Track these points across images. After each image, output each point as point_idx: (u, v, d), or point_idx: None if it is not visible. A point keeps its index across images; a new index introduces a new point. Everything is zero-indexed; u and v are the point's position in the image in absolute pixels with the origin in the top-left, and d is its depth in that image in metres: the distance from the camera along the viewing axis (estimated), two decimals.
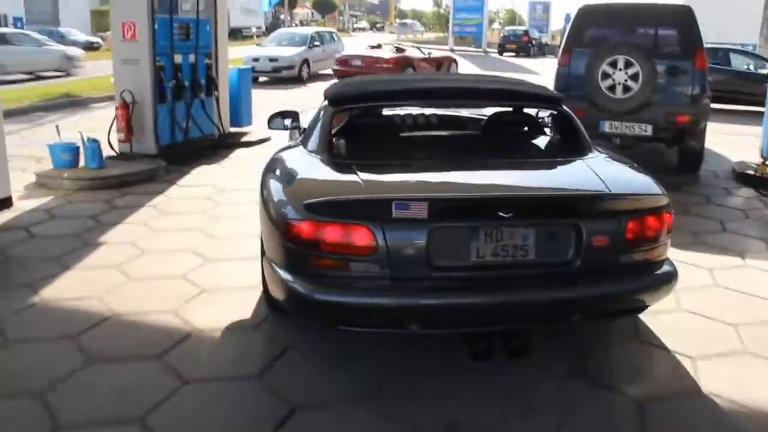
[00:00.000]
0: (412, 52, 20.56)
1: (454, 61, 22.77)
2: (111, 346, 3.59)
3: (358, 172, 3.25)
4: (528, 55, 36.63)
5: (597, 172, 3.41)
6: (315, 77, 21.01)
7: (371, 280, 2.95)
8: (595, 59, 7.51)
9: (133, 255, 5.02)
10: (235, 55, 22.48)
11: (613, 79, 7.46)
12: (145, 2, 7.80)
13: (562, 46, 8.23)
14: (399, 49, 20.46)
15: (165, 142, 8.31)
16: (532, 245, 3.03)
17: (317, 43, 21.61)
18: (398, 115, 4.97)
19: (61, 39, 39.82)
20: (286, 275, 3.08)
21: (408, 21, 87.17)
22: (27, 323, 3.88)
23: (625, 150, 8.31)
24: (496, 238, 3.00)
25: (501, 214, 2.93)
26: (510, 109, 4.56)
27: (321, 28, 26.48)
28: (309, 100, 15.46)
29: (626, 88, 7.42)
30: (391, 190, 3.12)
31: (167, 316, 3.93)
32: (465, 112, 5.20)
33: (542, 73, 25.42)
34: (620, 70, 7.42)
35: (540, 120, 4.75)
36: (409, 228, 2.92)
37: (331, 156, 3.60)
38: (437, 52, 22.54)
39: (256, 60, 20.05)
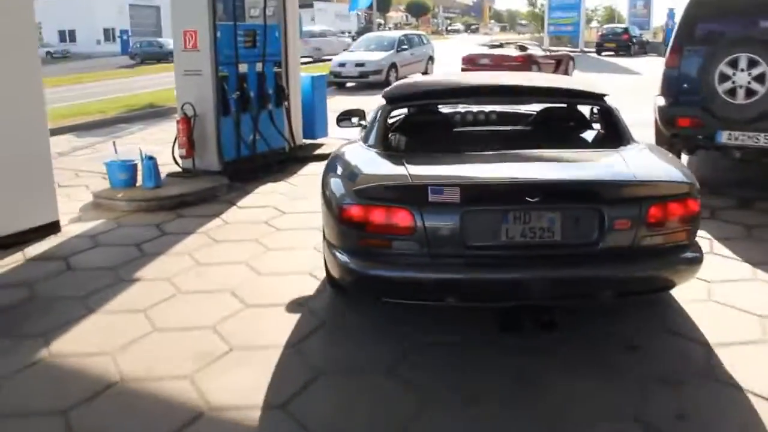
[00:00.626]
0: (534, 50, 20.15)
1: (572, 58, 22.22)
2: (103, 426, 2.94)
3: (407, 163, 3.53)
4: (628, 53, 34.62)
5: (628, 161, 3.60)
6: None
7: (412, 257, 3.26)
8: (712, 58, 6.41)
9: (166, 296, 4.40)
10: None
11: (734, 82, 6.33)
12: (207, 9, 7.28)
13: (671, 43, 7.13)
14: (522, 48, 20.06)
15: (229, 157, 7.77)
16: (558, 227, 3.25)
17: (405, 46, 20.86)
18: (454, 111, 5.26)
19: (160, 48, 41.21)
20: (340, 254, 3.42)
21: (524, 21, 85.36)
22: (24, 387, 3.30)
23: (747, 164, 7.21)
24: (525, 220, 3.23)
25: (528, 198, 3.18)
26: (557, 105, 4.83)
27: (409, 31, 25.67)
28: None
29: (750, 92, 6.28)
30: (431, 178, 3.39)
31: (182, 385, 3.26)
32: (521, 108, 5.32)
33: (644, 72, 23.84)
34: (742, 70, 6.29)
35: (594, 115, 4.82)
36: (444, 211, 3.22)
37: (386, 149, 3.98)
38: (556, 51, 22.67)
39: (342, 65, 19.59)
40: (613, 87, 5.67)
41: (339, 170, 3.80)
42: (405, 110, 4.92)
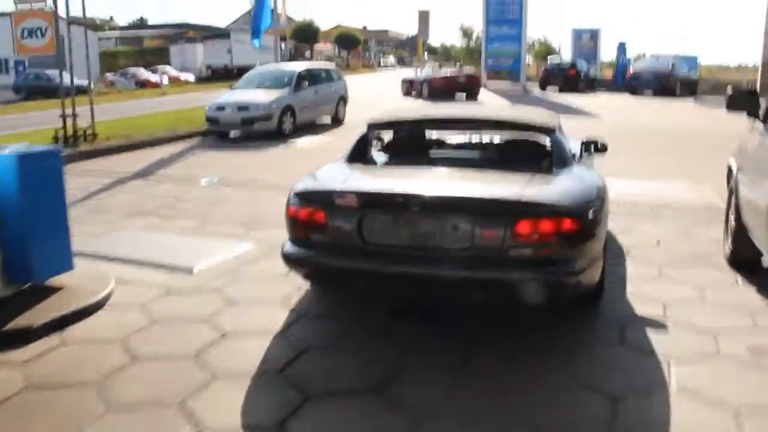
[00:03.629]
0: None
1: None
2: None
3: (350, 175, 4.57)
4: (575, 90, 30.89)
5: (533, 182, 4.13)
6: (304, 130, 15.51)
7: (325, 247, 4.03)
8: None
9: None
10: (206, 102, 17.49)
11: None
12: None
13: None
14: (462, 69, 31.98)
15: None
16: (439, 233, 3.82)
17: (307, 83, 16.12)
18: (434, 137, 5.84)
19: (48, 82, 35.75)
20: (285, 243, 4.24)
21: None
22: None
23: None
24: (411, 225, 3.87)
25: (413, 208, 3.84)
26: (520, 136, 5.33)
27: (315, 64, 20.47)
28: (284, 170, 10.00)
29: None
30: (346, 186, 4.20)
31: None
32: (495, 137, 5.72)
33: (602, 115, 19.78)
34: None
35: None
36: (346, 213, 3.94)
37: (351, 162, 4.86)
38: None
39: (221, 109, 14.79)
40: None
41: (304, 177, 4.56)
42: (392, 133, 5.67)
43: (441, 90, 26.52)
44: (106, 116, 17.18)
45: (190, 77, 47.05)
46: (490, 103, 23.77)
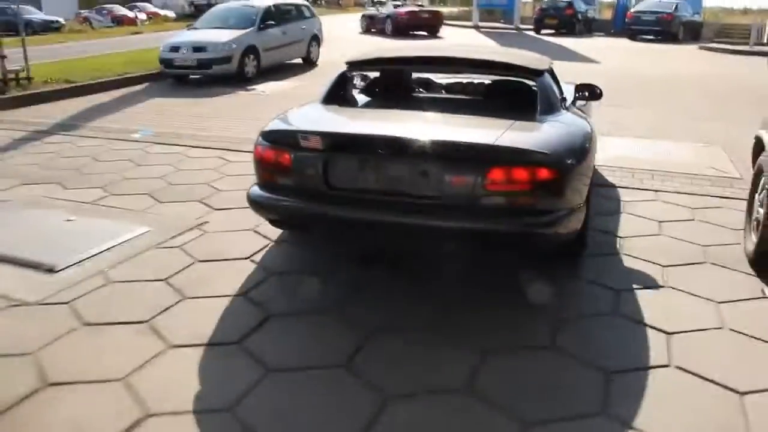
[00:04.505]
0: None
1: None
2: None
3: (324, 115, 4.42)
4: (572, 32, 29.04)
5: (511, 129, 3.79)
6: (270, 72, 14.06)
7: (289, 190, 3.83)
8: None
9: None
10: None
11: None
12: None
13: None
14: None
15: None
16: (407, 179, 3.59)
17: (273, 22, 14.56)
18: (417, 78, 5.71)
19: (14, 17, 33.72)
20: (253, 186, 4.04)
21: None
22: None
23: None
24: (378, 170, 3.65)
25: (379, 151, 3.62)
26: (505, 78, 5.07)
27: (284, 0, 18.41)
28: (231, 122, 8.77)
29: None
30: (317, 126, 4.10)
31: None
32: (482, 79, 5.60)
33: (602, 60, 18.28)
34: None
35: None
36: (311, 155, 3.72)
37: (327, 103, 4.60)
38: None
39: (175, 49, 13.25)
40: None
41: (274, 118, 4.31)
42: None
43: (405, 26, 27.11)
44: (64, 56, 15.68)
45: (171, 14, 44.86)
46: (478, 43, 22.22)
